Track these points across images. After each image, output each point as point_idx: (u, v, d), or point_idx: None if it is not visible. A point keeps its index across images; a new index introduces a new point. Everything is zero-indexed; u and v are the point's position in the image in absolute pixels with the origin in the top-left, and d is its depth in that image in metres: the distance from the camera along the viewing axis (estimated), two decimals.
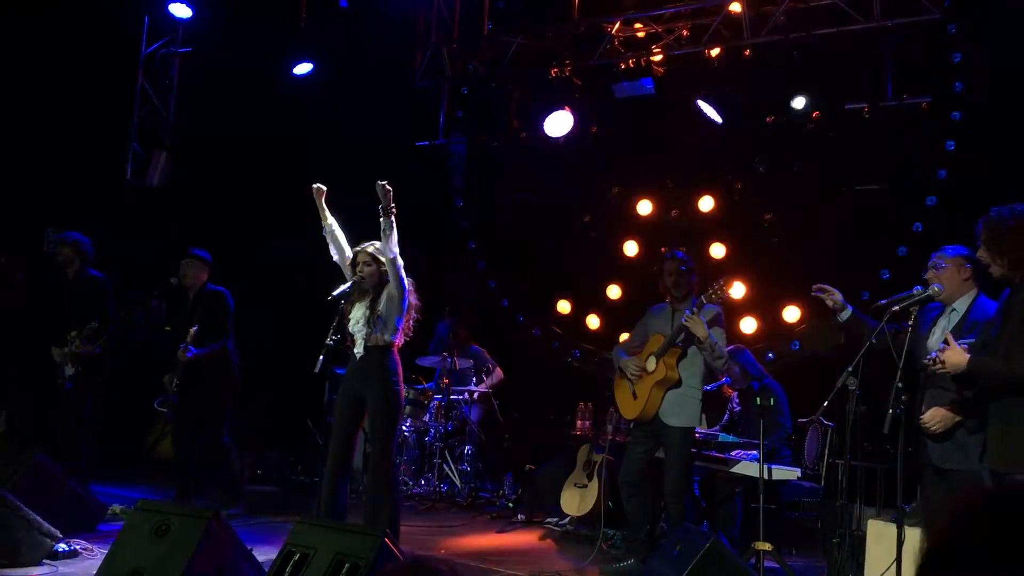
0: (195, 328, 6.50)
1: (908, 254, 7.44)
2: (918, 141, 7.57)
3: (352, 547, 3.85)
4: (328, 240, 5.57)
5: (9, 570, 4.69)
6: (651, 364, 5.74)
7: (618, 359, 5.97)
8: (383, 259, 5.36)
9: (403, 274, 5.37)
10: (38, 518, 4.99)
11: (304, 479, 8.34)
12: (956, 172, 7.41)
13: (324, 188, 5.51)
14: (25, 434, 7.46)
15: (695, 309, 5.50)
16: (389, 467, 5.39)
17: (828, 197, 8.18)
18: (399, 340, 5.44)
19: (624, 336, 6.67)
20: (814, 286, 4.87)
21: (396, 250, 5.28)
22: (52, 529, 5.06)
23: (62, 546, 5.09)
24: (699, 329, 5.47)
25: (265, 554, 4.49)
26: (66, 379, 6.71)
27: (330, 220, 5.56)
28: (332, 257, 5.60)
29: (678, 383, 5.67)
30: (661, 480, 5.73)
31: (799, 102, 7.54)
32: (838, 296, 4.79)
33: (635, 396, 5.79)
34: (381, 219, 5.23)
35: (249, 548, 4.36)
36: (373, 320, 5.33)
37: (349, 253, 5.52)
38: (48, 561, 4.96)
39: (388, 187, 5.19)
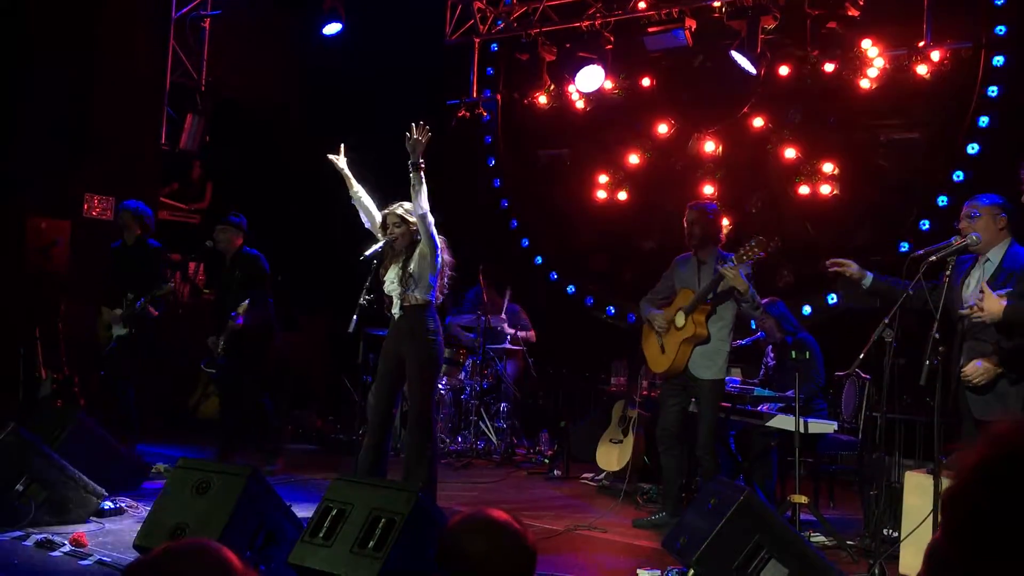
0: (247, 301, 6.59)
1: (949, 204, 7.29)
2: (959, 87, 7.38)
3: (388, 503, 3.91)
4: (357, 207, 5.57)
5: (57, 527, 4.82)
6: (680, 320, 5.69)
7: (646, 312, 5.92)
8: (412, 219, 5.35)
9: (434, 231, 5.34)
10: (84, 477, 5.12)
11: (342, 437, 8.45)
12: (999, 119, 7.22)
13: (338, 156, 5.48)
14: (71, 395, 7.64)
15: (734, 262, 5.40)
16: (427, 424, 5.43)
17: (867, 146, 8.03)
18: (435, 298, 5.45)
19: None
20: (827, 262, 4.80)
21: (426, 206, 5.24)
22: (98, 487, 5.19)
23: (108, 504, 5.22)
24: (739, 282, 5.39)
25: (303, 510, 4.57)
26: (112, 340, 6.84)
27: (356, 188, 5.53)
28: (363, 224, 5.60)
29: (707, 339, 5.64)
30: (694, 433, 5.75)
31: (835, 50, 7.37)
32: (853, 267, 4.70)
33: (663, 350, 5.78)
34: (411, 174, 5.21)
35: (288, 504, 4.44)
36: (407, 280, 5.33)
37: (379, 217, 5.51)
38: (95, 518, 5.10)
39: (420, 137, 5.14)
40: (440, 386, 8.31)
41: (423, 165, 5.18)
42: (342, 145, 5.53)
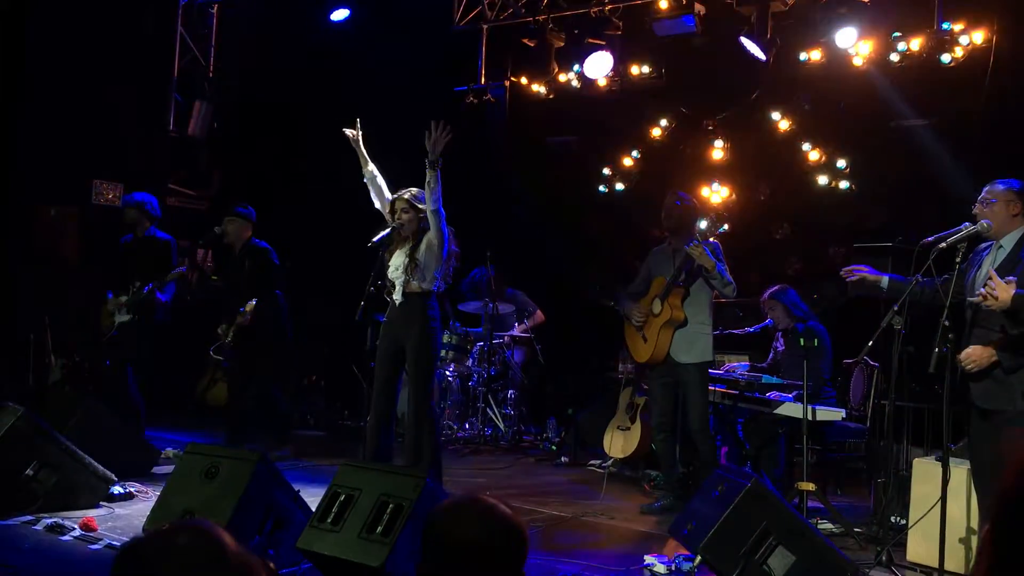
0: (254, 301, 6.58)
1: (960, 190, 7.24)
2: (970, 73, 7.31)
3: (396, 488, 3.91)
4: (369, 186, 5.56)
5: (67, 512, 4.85)
6: (656, 307, 5.82)
7: (623, 306, 6.04)
8: (421, 206, 5.34)
9: (445, 224, 5.36)
10: (94, 462, 5.15)
11: (350, 424, 8.48)
12: (1010, 105, 7.16)
13: (355, 132, 5.47)
14: (80, 381, 7.66)
15: (697, 240, 5.49)
16: (428, 410, 5.45)
17: (877, 132, 7.98)
18: (439, 287, 5.45)
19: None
20: (843, 271, 4.76)
21: (440, 201, 5.25)
22: (108, 473, 5.22)
23: (117, 489, 5.26)
24: (705, 259, 5.50)
25: (312, 495, 4.58)
26: (115, 326, 6.85)
27: (371, 166, 5.54)
28: (373, 204, 5.59)
29: (684, 322, 5.74)
30: (687, 419, 5.79)
31: (845, 36, 7.31)
32: (865, 269, 4.68)
33: (645, 340, 5.88)
34: (427, 171, 5.19)
35: (296, 489, 4.46)
36: (412, 268, 5.33)
37: (390, 199, 5.50)
38: (104, 503, 5.14)
39: (440, 135, 5.13)
40: (448, 373, 8.33)
41: (440, 164, 5.16)
42: (357, 120, 5.52)
